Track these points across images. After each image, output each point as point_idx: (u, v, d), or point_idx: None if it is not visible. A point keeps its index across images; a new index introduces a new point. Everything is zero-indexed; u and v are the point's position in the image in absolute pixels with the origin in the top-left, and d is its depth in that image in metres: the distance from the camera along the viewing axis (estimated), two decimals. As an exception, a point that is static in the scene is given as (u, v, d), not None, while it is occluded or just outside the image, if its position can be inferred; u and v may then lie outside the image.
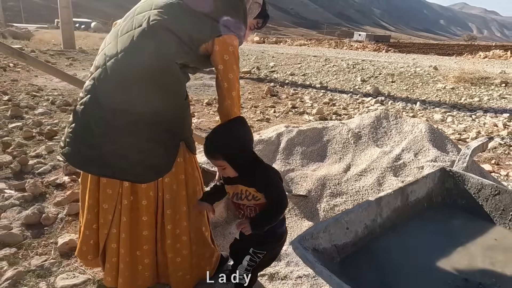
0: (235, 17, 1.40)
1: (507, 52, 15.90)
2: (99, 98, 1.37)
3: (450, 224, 1.51)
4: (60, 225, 2.35)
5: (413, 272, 1.20)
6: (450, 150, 2.83)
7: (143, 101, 1.36)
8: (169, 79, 1.40)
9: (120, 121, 1.36)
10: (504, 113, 5.75)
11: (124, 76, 1.35)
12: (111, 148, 1.38)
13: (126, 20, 1.45)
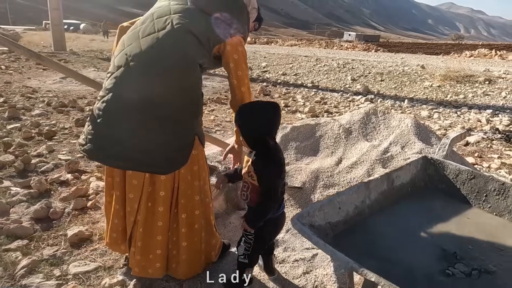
0: (241, 20, 1.55)
1: (491, 51, 16.36)
2: (122, 96, 1.47)
3: (432, 206, 1.68)
4: (68, 218, 2.46)
5: (398, 245, 1.36)
6: (434, 143, 3.02)
7: (167, 98, 1.47)
8: (192, 78, 1.51)
9: (143, 116, 1.46)
10: (488, 109, 6.00)
11: (149, 75, 1.46)
12: (133, 142, 1.48)
13: (146, 23, 1.56)
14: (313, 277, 1.97)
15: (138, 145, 1.49)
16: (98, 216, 2.52)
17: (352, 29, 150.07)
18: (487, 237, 1.45)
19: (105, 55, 13.48)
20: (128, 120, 1.47)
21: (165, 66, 1.46)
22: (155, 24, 1.51)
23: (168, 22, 1.49)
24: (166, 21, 1.50)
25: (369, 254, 1.16)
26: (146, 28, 1.53)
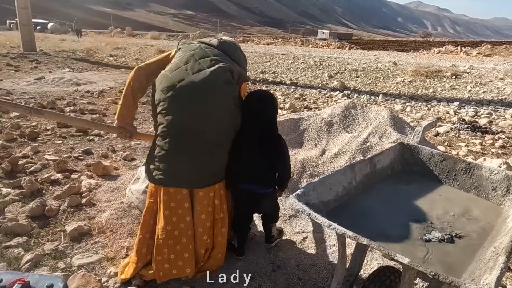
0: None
1: (457, 48, 17.25)
2: (193, 128, 1.74)
3: (409, 186, 1.88)
4: (64, 215, 2.51)
5: (381, 219, 1.54)
6: (409, 132, 3.27)
7: (222, 125, 1.79)
8: (235, 109, 1.82)
9: (203, 143, 1.75)
10: (455, 102, 6.42)
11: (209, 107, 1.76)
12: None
13: (190, 63, 1.79)
14: (305, 257, 2.15)
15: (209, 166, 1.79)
16: (93, 212, 2.59)
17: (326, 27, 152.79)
18: (457, 208, 1.66)
19: (78, 55, 13.17)
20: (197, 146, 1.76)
21: (219, 102, 1.76)
22: (202, 63, 1.76)
23: (213, 62, 1.76)
24: (211, 61, 1.77)
25: (356, 227, 1.33)
26: (193, 66, 1.76)
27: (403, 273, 1.22)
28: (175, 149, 1.74)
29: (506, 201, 1.69)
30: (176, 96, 1.73)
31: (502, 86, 6.96)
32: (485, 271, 1.07)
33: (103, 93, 6.99)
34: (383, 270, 1.43)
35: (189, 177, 1.76)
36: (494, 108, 5.98)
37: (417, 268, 1.06)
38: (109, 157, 3.68)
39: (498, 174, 1.75)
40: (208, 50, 1.85)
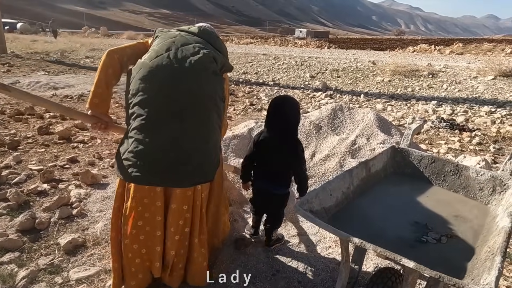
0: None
1: (431, 46, 17.88)
2: (178, 121, 1.64)
3: (401, 188, 1.96)
4: (55, 228, 2.45)
5: (378, 221, 1.61)
6: (394, 133, 3.39)
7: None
8: (221, 102, 1.76)
9: (187, 139, 1.67)
10: (433, 100, 6.67)
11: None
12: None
13: (172, 50, 1.68)
14: (302, 260, 2.20)
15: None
16: (86, 223, 2.54)
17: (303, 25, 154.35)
18: (448, 209, 1.76)
19: (52, 57, 12.73)
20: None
21: (206, 92, 1.68)
22: (184, 51, 1.67)
23: (197, 49, 1.69)
24: (195, 48, 1.69)
25: (357, 230, 1.39)
26: (176, 53, 1.66)
27: (406, 276, 1.29)
28: (156, 145, 1.59)
29: (492, 201, 1.79)
30: (158, 85, 1.60)
31: (476, 84, 7.29)
32: (484, 271, 1.14)
33: (83, 97, 6.81)
34: (385, 271, 1.50)
35: (170, 175, 1.63)
36: (469, 106, 6.25)
37: (422, 271, 1.12)
38: (96, 165, 3.60)
39: (484, 175, 1.85)
40: (189, 37, 1.76)
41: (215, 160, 1.79)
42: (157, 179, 1.63)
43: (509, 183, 1.76)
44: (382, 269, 1.53)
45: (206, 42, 1.78)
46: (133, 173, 1.60)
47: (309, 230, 2.53)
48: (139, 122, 1.60)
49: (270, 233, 2.24)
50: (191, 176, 1.66)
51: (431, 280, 1.53)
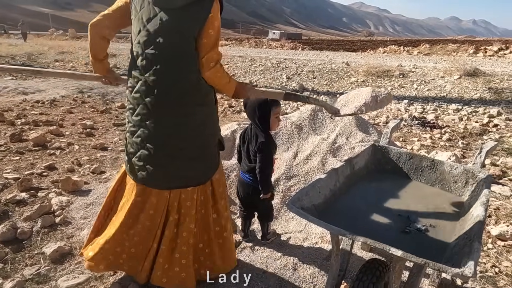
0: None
1: (400, 47, 18.60)
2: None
3: (383, 183, 2.07)
4: (39, 237, 2.39)
5: (364, 216, 1.70)
6: (372, 132, 3.54)
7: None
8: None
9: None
10: (404, 100, 6.97)
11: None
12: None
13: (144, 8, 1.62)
14: (291, 257, 2.27)
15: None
16: (71, 231, 2.49)
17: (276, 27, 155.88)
18: (426, 202, 1.88)
19: (18, 61, 12.21)
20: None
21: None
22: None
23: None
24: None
25: (345, 225, 1.47)
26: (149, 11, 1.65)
27: (393, 264, 1.38)
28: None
29: (466, 192, 1.93)
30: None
31: (443, 84, 7.68)
32: (463, 256, 1.25)
33: (55, 102, 6.60)
34: (373, 262, 1.59)
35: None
36: (438, 104, 6.59)
37: (409, 259, 1.21)
38: (76, 171, 3.52)
39: (458, 169, 1.99)
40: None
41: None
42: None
43: (480, 175, 1.90)
44: (370, 260, 1.61)
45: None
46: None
47: (295, 228, 2.61)
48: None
49: (264, 227, 2.34)
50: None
51: (415, 268, 1.64)
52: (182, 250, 1.79)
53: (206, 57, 1.58)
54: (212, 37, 1.58)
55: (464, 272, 1.14)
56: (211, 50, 1.59)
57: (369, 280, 1.51)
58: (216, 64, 1.63)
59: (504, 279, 2.13)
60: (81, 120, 5.35)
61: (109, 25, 1.72)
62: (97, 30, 1.71)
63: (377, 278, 1.52)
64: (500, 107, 6.24)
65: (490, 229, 2.62)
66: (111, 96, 7.53)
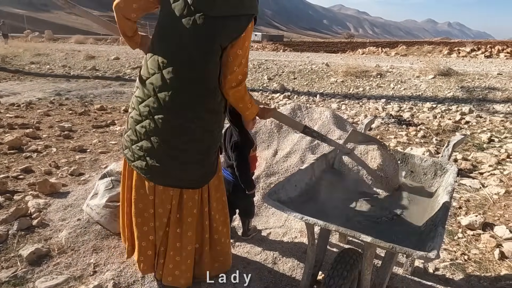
0: None
1: (378, 49, 19.06)
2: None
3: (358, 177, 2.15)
4: (15, 240, 2.35)
5: (338, 206, 1.77)
6: (349, 129, 3.64)
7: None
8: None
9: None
10: (382, 99, 7.16)
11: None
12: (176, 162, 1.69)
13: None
14: (271, 251, 2.31)
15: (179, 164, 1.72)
16: (48, 233, 2.45)
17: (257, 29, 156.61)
18: (398, 193, 1.97)
19: (-4, 63, 11.82)
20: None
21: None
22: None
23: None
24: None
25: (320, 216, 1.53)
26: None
27: (365, 251, 1.45)
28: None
29: (434, 183, 2.04)
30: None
31: (419, 83, 7.94)
32: (428, 240, 1.33)
33: (31, 105, 6.44)
34: (346, 251, 1.65)
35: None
36: (414, 103, 6.81)
37: (378, 244, 1.28)
38: (54, 174, 3.46)
39: (427, 161, 2.10)
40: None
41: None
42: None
43: (447, 167, 2.01)
44: (344, 250, 1.68)
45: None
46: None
47: (275, 224, 2.66)
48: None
49: (245, 224, 2.38)
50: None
51: (387, 255, 1.72)
52: (188, 250, 1.81)
53: (229, 77, 1.57)
54: (239, 57, 1.56)
55: (428, 255, 1.21)
56: (235, 71, 1.57)
57: (343, 268, 1.57)
58: (238, 86, 1.61)
59: (473, 266, 2.24)
60: (58, 123, 5.25)
61: (136, 9, 1.60)
62: (123, 13, 1.61)
63: (351, 266, 1.58)
64: (472, 105, 6.51)
65: (461, 219, 2.74)
66: (90, 98, 7.40)
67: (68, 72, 11.10)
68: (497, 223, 2.72)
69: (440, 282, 2.09)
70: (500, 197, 3.13)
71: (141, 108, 1.67)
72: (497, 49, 15.30)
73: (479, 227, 2.63)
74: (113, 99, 7.53)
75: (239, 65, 1.57)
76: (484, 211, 2.91)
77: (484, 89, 7.25)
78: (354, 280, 1.62)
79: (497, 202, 3.06)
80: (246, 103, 1.71)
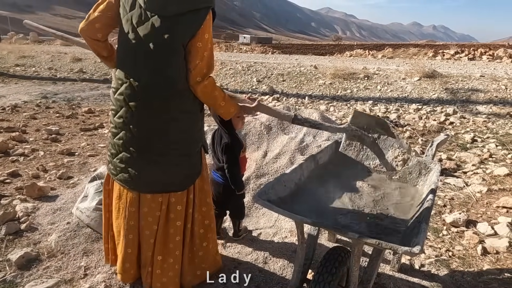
0: None
1: (365, 51, 19.35)
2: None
3: (345, 177, 2.20)
4: (3, 244, 2.32)
5: (328, 206, 1.82)
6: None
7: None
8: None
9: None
10: (369, 100, 7.28)
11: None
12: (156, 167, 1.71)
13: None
14: (262, 251, 2.35)
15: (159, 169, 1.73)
16: (37, 237, 2.44)
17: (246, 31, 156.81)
18: (385, 192, 2.03)
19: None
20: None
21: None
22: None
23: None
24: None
25: (310, 214, 1.57)
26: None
27: (352, 248, 1.49)
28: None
29: (419, 182, 2.10)
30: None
31: (405, 85, 8.10)
32: (412, 236, 1.38)
33: (17, 108, 6.33)
34: (335, 249, 1.70)
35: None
36: (400, 104, 6.95)
37: (365, 241, 1.33)
38: (42, 178, 3.43)
39: (412, 161, 2.16)
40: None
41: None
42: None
43: (431, 166, 2.08)
44: (333, 248, 1.73)
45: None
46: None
47: (265, 224, 2.69)
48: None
49: (236, 225, 2.41)
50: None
51: (374, 252, 1.77)
52: (175, 255, 1.82)
53: (193, 72, 1.57)
54: (200, 50, 1.55)
55: (412, 250, 1.26)
56: (198, 65, 1.56)
57: (332, 265, 1.61)
58: (203, 80, 1.60)
59: (457, 261, 2.32)
60: (45, 126, 5.18)
61: (99, 28, 1.64)
62: (89, 34, 1.66)
63: (340, 263, 1.63)
64: (456, 106, 6.68)
65: (445, 217, 2.83)
66: (77, 101, 7.32)
67: (55, 74, 10.94)
68: (480, 220, 2.82)
69: (425, 277, 2.16)
70: (482, 195, 3.23)
71: (116, 120, 1.68)
72: (480, 51, 15.72)
73: (463, 224, 2.71)
74: (101, 101, 7.46)
75: (202, 59, 1.56)
76: (467, 208, 3.01)
77: (468, 91, 7.45)
78: (342, 276, 1.67)
79: (479, 200, 3.16)
80: (217, 100, 1.69)
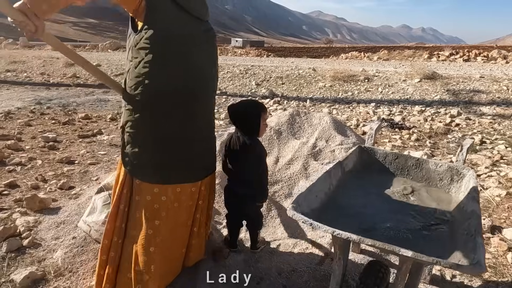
0: None
1: (361, 53, 19.40)
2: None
3: (373, 184, 2.08)
4: (5, 263, 2.15)
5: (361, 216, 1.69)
6: (350, 134, 3.59)
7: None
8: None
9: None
10: (372, 103, 7.21)
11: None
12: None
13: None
14: (284, 264, 2.21)
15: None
16: (41, 254, 2.27)
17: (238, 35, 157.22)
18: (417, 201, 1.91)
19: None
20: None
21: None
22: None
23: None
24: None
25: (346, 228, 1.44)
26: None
27: (400, 265, 1.37)
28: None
29: (452, 188, 1.99)
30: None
31: (406, 87, 8.06)
32: (469, 252, 1.26)
33: (10, 114, 6.12)
34: (374, 265, 1.57)
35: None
36: (403, 106, 6.89)
37: (420, 259, 1.20)
38: (42, 188, 3.25)
39: (442, 166, 2.05)
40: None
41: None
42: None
43: (464, 171, 1.97)
44: (371, 263, 1.60)
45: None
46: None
47: (283, 234, 2.56)
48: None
49: (254, 236, 2.27)
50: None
51: (414, 267, 1.65)
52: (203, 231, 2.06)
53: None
54: None
55: (475, 268, 1.15)
56: None
57: (373, 282, 1.49)
58: None
59: (488, 271, 2.20)
60: (41, 133, 4.98)
61: None
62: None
63: (381, 280, 1.51)
64: (459, 107, 6.64)
65: (468, 223, 2.72)
66: (73, 107, 7.12)
67: (48, 79, 10.69)
68: (504, 225, 2.72)
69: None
70: (502, 199, 3.14)
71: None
72: (474, 53, 15.85)
73: (488, 231, 2.61)
74: (97, 107, 7.27)
75: None
76: (489, 213, 2.91)
77: (469, 92, 7.43)
78: (383, 294, 1.54)
79: (500, 204, 3.07)
80: None
